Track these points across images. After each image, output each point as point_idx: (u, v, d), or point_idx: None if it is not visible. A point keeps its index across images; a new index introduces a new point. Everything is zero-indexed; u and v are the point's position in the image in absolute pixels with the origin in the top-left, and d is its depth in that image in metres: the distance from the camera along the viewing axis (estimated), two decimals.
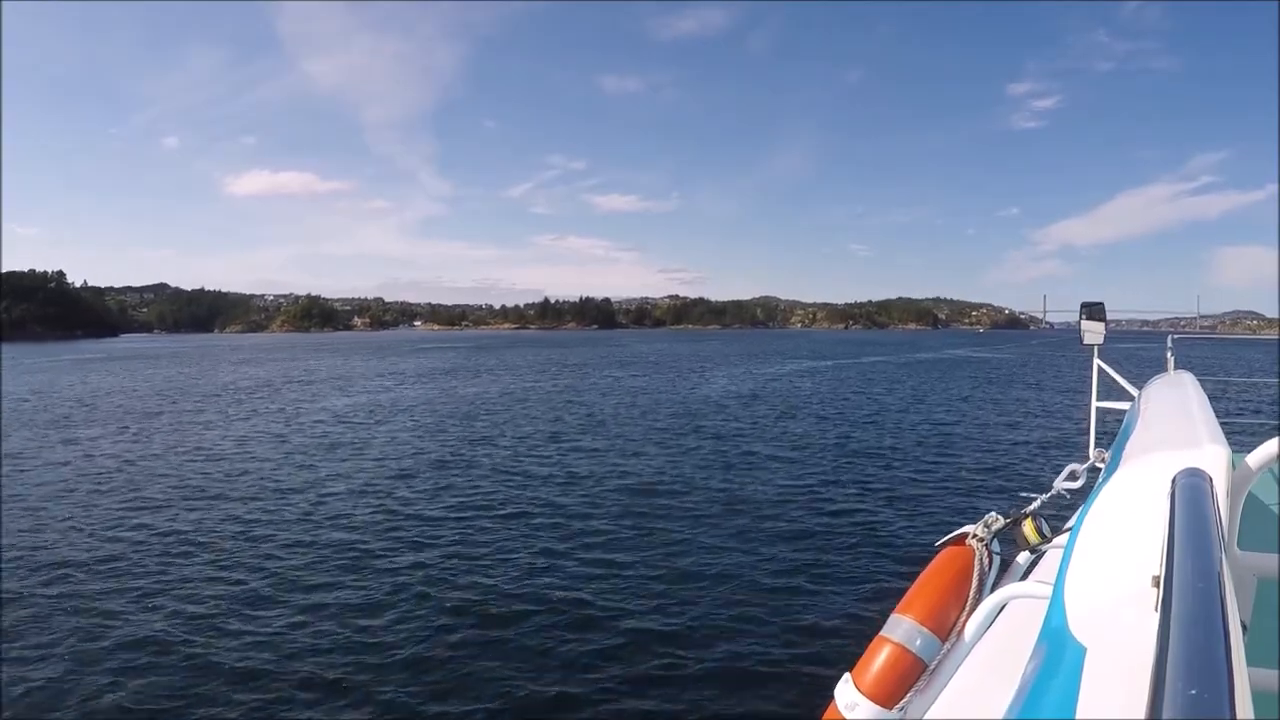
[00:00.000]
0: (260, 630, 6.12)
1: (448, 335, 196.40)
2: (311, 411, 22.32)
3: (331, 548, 8.30)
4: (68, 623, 6.29)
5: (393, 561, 7.84)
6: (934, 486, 11.90)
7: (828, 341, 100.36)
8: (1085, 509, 1.17)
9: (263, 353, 72.73)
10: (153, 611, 6.52)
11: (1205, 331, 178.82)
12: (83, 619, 6.37)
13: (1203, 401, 1.92)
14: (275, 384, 33.69)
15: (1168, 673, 0.51)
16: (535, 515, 9.81)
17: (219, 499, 10.75)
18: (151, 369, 46.12)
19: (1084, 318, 4.36)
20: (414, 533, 8.90)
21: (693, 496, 10.96)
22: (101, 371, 43.24)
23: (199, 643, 5.88)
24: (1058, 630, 0.95)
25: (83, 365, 50.25)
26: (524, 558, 8.02)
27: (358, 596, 6.85)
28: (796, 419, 20.11)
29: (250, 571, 7.53)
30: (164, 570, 7.60)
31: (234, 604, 6.68)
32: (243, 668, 5.50)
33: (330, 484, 11.74)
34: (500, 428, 18.30)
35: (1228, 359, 49.34)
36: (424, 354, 65.40)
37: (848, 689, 1.44)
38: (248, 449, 15.38)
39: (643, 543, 8.62)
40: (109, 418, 20.89)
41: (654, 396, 26.68)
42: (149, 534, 8.94)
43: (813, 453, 15.04)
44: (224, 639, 5.96)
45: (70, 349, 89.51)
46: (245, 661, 5.58)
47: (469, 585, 7.18)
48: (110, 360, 57.92)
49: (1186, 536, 0.77)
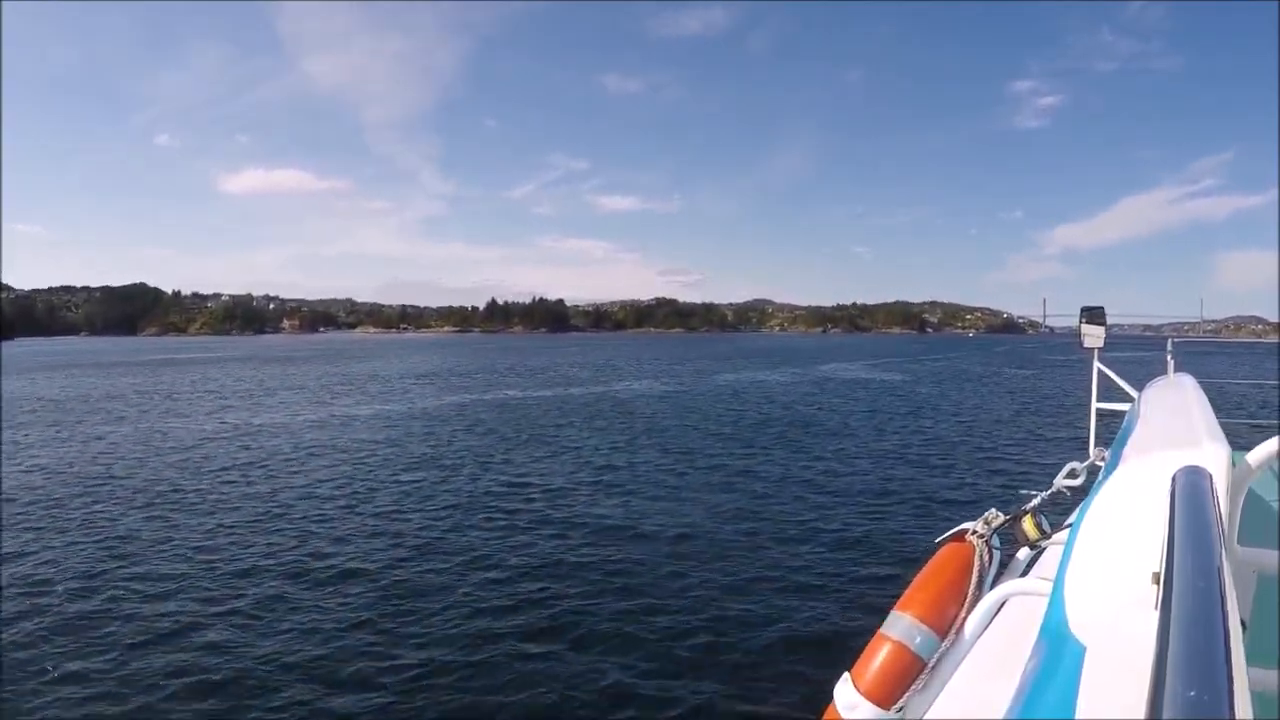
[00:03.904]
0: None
1: (378, 339, 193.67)
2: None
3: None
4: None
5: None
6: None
7: (769, 348, 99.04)
8: (1085, 506, 1.26)
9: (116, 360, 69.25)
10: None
11: (1209, 336, 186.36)
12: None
13: (1203, 402, 2.05)
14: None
15: (1168, 671, 0.54)
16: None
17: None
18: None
19: (1084, 321, 4.60)
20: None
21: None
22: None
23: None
24: (1057, 627, 1.02)
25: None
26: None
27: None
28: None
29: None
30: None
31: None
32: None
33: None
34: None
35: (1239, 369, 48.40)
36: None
37: (847, 689, 1.53)
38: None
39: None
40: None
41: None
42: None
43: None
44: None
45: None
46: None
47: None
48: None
49: (1187, 534, 0.83)
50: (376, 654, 6.27)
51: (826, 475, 13.69)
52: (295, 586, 7.85)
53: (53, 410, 25.66)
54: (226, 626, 6.87)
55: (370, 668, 6.01)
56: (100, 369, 52.78)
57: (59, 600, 7.51)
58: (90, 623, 6.97)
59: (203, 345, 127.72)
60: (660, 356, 69.87)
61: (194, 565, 8.58)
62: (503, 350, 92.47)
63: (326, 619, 6.99)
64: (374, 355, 79.52)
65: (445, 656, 6.20)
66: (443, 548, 9.14)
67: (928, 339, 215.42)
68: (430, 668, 6.01)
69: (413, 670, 5.97)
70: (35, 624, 6.94)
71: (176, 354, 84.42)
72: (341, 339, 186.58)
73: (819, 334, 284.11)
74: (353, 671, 5.95)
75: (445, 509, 11.11)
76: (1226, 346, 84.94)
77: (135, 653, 6.31)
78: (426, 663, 6.10)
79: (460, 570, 8.28)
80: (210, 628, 6.83)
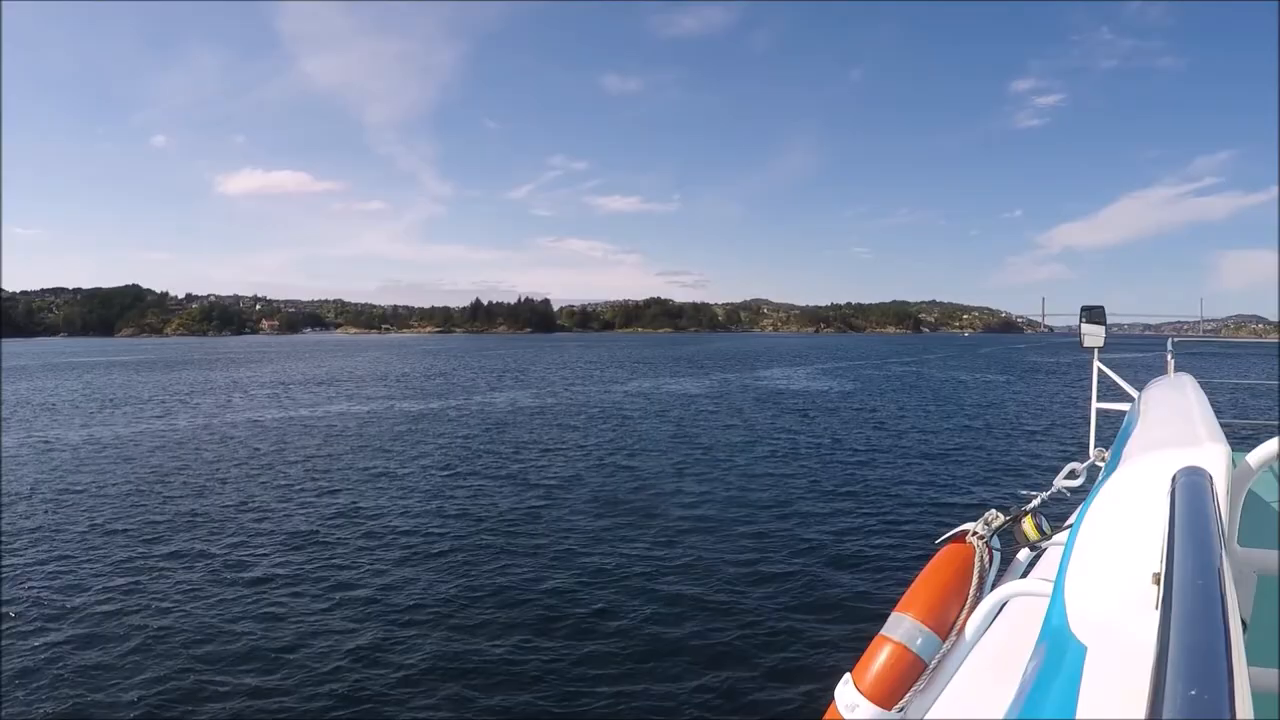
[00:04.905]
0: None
1: (355, 340, 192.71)
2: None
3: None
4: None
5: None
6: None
7: (738, 350, 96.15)
8: (1085, 506, 1.29)
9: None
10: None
11: (1209, 335, 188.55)
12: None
13: (1203, 402, 2.08)
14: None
15: (1168, 671, 0.55)
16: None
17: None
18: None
19: (1084, 321, 4.67)
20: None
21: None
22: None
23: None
24: (1058, 628, 1.05)
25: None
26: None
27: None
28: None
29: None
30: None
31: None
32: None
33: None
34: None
35: (1239, 369, 46.06)
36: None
37: (848, 689, 1.56)
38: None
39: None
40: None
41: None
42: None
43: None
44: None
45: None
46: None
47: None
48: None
49: (1187, 534, 0.84)
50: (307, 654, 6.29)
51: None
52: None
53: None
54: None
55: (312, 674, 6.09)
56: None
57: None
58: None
59: (159, 346, 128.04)
60: (601, 360, 66.05)
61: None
62: (454, 352, 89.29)
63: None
64: (307, 357, 77.29)
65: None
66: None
67: (917, 339, 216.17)
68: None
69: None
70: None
71: (117, 355, 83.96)
72: (312, 340, 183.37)
73: (810, 334, 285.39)
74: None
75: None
76: (1227, 346, 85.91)
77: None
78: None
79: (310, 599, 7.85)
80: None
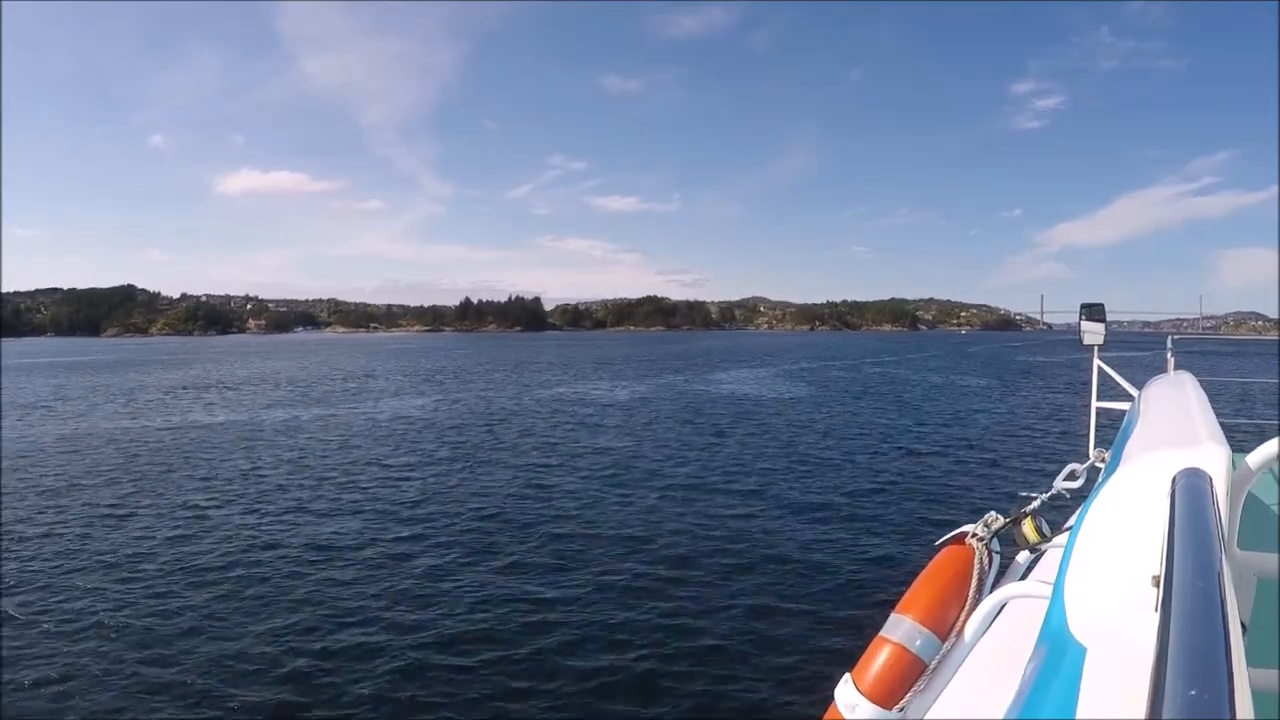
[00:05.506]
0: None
1: (341, 339, 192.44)
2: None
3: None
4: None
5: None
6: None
7: (721, 348, 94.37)
8: (1085, 508, 1.30)
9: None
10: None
11: (1208, 332, 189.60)
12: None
13: (1203, 401, 2.11)
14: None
15: (1168, 673, 0.56)
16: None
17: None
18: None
19: (1084, 318, 4.72)
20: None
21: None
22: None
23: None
24: (1058, 630, 1.07)
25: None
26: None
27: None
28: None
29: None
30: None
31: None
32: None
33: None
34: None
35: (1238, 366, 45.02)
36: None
37: (848, 689, 1.59)
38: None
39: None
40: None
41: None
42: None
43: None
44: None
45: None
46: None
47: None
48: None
49: (1186, 536, 0.86)
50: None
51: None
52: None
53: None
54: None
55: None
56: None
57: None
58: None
59: (139, 346, 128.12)
60: (569, 360, 64.65)
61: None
62: (416, 352, 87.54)
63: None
64: (284, 356, 77.20)
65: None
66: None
67: (910, 337, 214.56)
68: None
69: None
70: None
71: (80, 355, 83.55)
72: (297, 340, 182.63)
73: (805, 331, 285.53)
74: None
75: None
76: (1226, 344, 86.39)
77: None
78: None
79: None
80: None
